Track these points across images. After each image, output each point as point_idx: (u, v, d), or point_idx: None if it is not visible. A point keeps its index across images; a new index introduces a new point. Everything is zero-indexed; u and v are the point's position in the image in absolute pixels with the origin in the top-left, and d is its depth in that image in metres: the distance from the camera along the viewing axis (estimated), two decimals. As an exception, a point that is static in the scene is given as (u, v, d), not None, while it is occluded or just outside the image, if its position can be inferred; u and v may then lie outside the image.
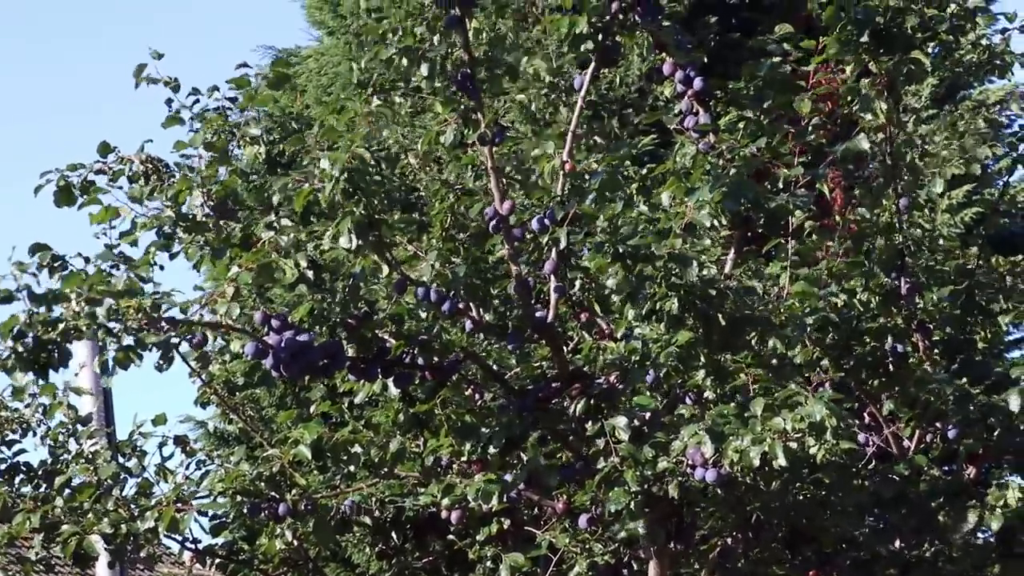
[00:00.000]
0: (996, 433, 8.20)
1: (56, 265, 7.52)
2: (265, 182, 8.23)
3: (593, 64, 8.35)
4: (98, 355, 7.59)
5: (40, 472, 8.68)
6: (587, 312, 8.60)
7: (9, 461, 8.83)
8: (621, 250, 7.57)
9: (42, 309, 7.36)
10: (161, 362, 7.68)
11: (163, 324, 7.47)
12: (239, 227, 7.89)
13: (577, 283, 8.27)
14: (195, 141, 8.04)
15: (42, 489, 8.62)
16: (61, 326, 7.38)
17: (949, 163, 8.59)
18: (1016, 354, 13.61)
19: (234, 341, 8.00)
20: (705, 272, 7.73)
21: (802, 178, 8.17)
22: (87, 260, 7.53)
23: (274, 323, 7.76)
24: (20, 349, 7.43)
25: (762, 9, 14.61)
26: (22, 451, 8.79)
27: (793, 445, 7.13)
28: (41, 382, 8.14)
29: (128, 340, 7.42)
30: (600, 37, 8.24)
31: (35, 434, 8.95)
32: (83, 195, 8.04)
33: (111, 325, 7.35)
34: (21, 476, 8.78)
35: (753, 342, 7.92)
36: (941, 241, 9.07)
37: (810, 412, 7.06)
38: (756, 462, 7.17)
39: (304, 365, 7.89)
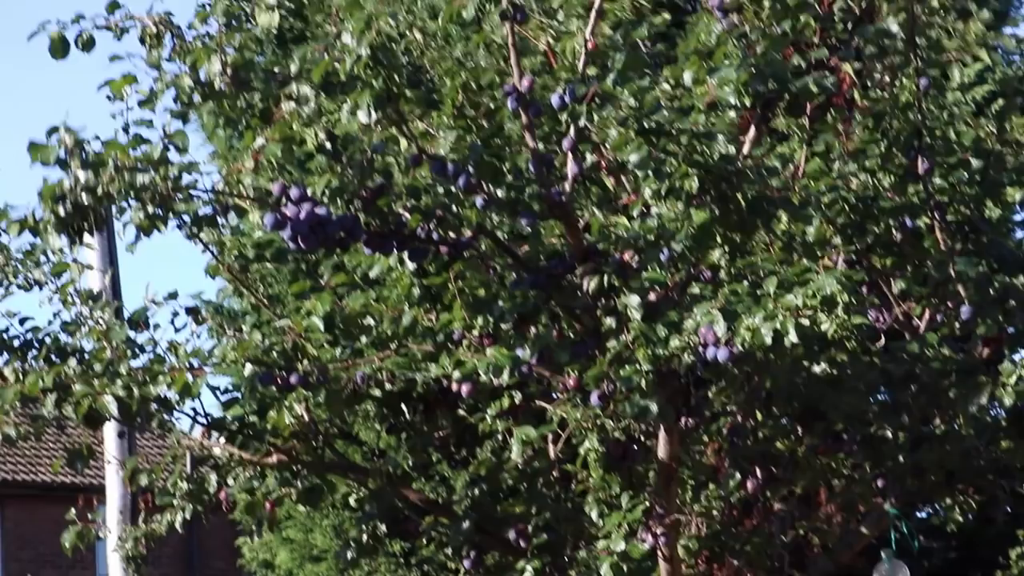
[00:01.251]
0: (1011, 315, 8.28)
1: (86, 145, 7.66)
2: (279, 56, 8.29)
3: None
4: (124, 224, 7.70)
5: (52, 346, 8.72)
6: (613, 177, 8.64)
7: (22, 337, 8.87)
8: (646, 125, 7.64)
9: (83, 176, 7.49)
10: (193, 228, 7.82)
11: (190, 193, 7.59)
12: (259, 97, 7.94)
13: (596, 159, 8.30)
14: (215, 10, 8.09)
15: (54, 364, 8.66)
16: (100, 190, 7.50)
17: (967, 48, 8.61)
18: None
19: (253, 213, 8.11)
20: (727, 150, 7.80)
21: (827, 60, 8.22)
22: (125, 129, 7.65)
23: (293, 194, 7.85)
24: (60, 212, 7.56)
25: None
26: (35, 328, 8.84)
27: (805, 321, 7.23)
28: (66, 250, 8.29)
29: (153, 208, 7.55)
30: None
31: (47, 296, 8.98)
32: (84, 50, 8.09)
33: (143, 192, 7.47)
34: (34, 351, 8.82)
35: (770, 222, 8.00)
36: (962, 116, 9.09)
37: (821, 286, 7.18)
38: (768, 340, 7.27)
39: (322, 237, 7.99)
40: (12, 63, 66.57)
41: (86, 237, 8.95)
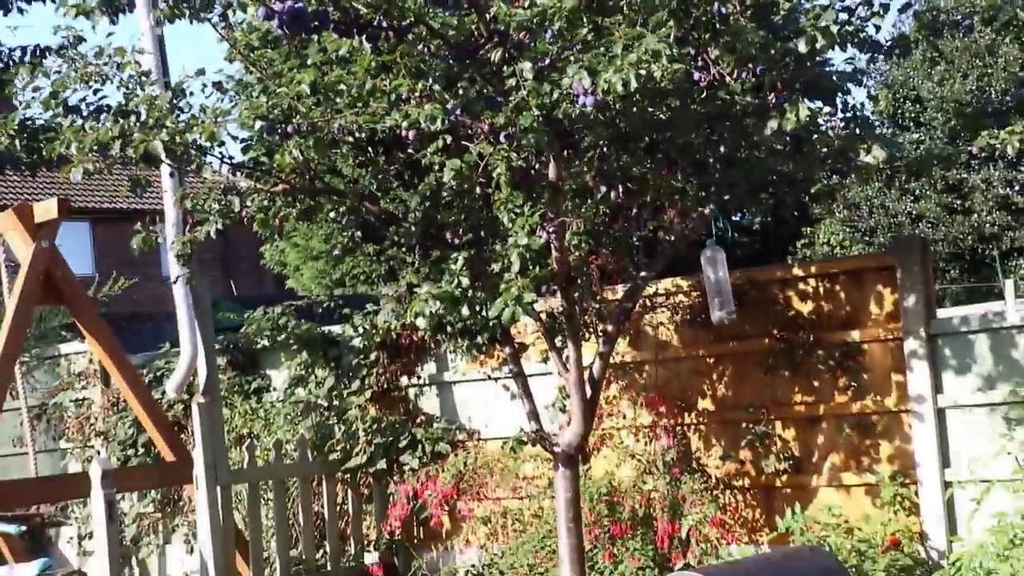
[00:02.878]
0: (790, 69, 8.26)
1: None
2: None
3: None
4: (153, 13, 7.60)
5: (118, 109, 8.66)
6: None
7: (95, 103, 8.80)
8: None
9: None
10: (203, 14, 7.72)
11: None
12: None
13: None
14: None
15: (119, 122, 8.60)
16: None
17: None
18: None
19: (251, 7, 8.02)
20: None
21: None
22: None
23: (279, -6, 7.77)
24: None
25: None
26: (104, 96, 8.78)
27: (643, 73, 7.23)
28: (117, 41, 8.21)
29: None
30: None
31: (112, 83, 8.89)
32: None
33: None
34: (104, 113, 8.76)
35: (623, 8, 7.92)
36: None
37: (650, 44, 7.19)
38: (620, 88, 7.26)
39: (301, 25, 7.93)
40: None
41: (139, 27, 8.81)
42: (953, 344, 9.99)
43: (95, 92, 8.78)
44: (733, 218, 11.13)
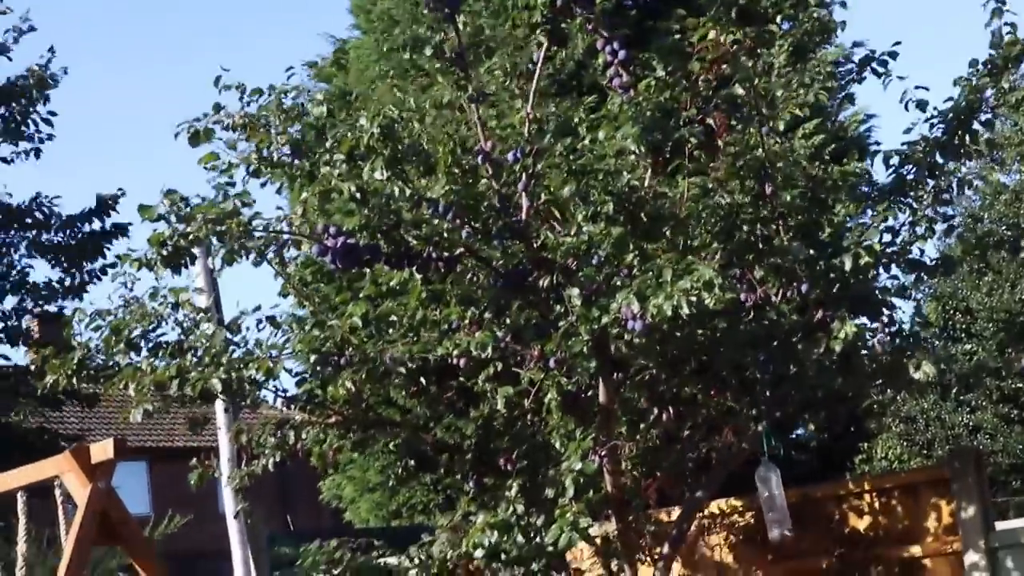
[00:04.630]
0: (836, 287, 8.34)
1: (182, 203, 7.80)
2: (322, 134, 8.34)
3: (546, 42, 8.47)
4: (212, 257, 7.83)
5: (175, 346, 8.81)
6: (552, 219, 8.71)
7: (155, 340, 8.96)
8: (573, 167, 7.73)
9: (180, 226, 7.65)
10: (258, 258, 7.93)
11: (256, 234, 7.70)
12: (308, 164, 8.06)
13: (542, 196, 8.36)
14: (266, 109, 8.21)
15: (176, 360, 8.75)
16: (191, 236, 7.62)
17: (792, 102, 8.64)
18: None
19: (304, 245, 8.22)
20: (630, 181, 7.88)
21: (695, 117, 8.31)
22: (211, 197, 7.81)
23: (331, 231, 7.96)
24: (164, 253, 7.68)
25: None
26: (163, 334, 8.96)
27: (693, 299, 7.31)
28: (173, 283, 8.42)
29: (233, 245, 7.66)
30: (551, 23, 8.37)
31: (167, 323, 9.07)
32: (205, 141, 8.24)
33: (223, 235, 7.60)
34: (162, 351, 8.92)
35: (667, 233, 8.08)
36: (799, 158, 9.16)
37: (703, 274, 7.25)
38: (669, 312, 7.32)
39: (353, 260, 8.10)
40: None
41: (194, 269, 9.04)
42: (1016, 556, 9.83)
43: (153, 330, 8.94)
44: (789, 436, 11.11)
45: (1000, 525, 10.23)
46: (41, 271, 53.19)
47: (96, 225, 20.66)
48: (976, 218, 32.68)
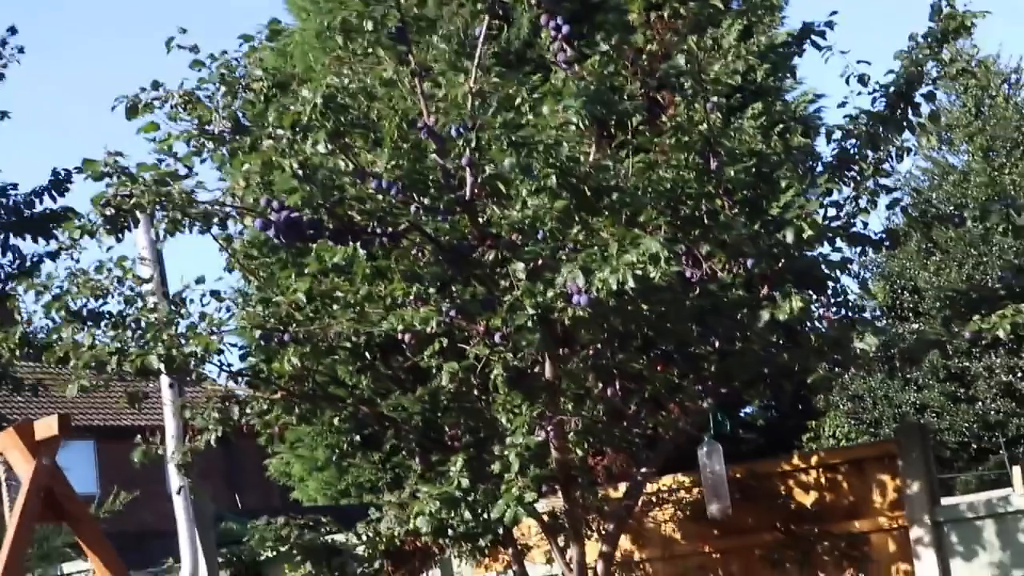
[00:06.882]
0: (780, 261, 8.33)
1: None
2: (263, 108, 8.27)
3: (488, 18, 8.41)
4: (155, 227, 7.75)
5: (117, 317, 8.73)
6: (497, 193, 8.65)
7: (96, 308, 8.89)
8: (514, 139, 7.67)
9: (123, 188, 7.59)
10: (203, 228, 7.86)
11: (199, 203, 7.63)
12: (248, 139, 7.99)
13: (486, 170, 8.30)
14: (212, 78, 8.13)
15: (118, 331, 8.67)
16: (133, 200, 7.54)
17: (724, 73, 8.54)
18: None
19: (248, 219, 8.14)
20: (573, 153, 7.83)
21: (638, 92, 8.28)
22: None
23: (275, 205, 7.89)
24: (107, 214, 7.60)
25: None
26: (104, 303, 8.88)
27: (639, 272, 7.27)
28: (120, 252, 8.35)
29: (175, 214, 7.58)
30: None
31: (112, 295, 8.98)
32: (145, 114, 8.17)
33: (166, 199, 7.53)
34: (104, 321, 8.83)
35: (611, 206, 8.02)
36: (743, 134, 9.12)
37: (648, 247, 7.22)
38: (614, 287, 7.31)
39: (297, 235, 8.04)
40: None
41: (139, 242, 8.96)
42: (960, 531, 9.89)
43: (98, 301, 8.86)
44: (737, 414, 11.13)
45: (945, 500, 10.29)
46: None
47: (49, 203, 20.32)
48: (925, 198, 32.81)
